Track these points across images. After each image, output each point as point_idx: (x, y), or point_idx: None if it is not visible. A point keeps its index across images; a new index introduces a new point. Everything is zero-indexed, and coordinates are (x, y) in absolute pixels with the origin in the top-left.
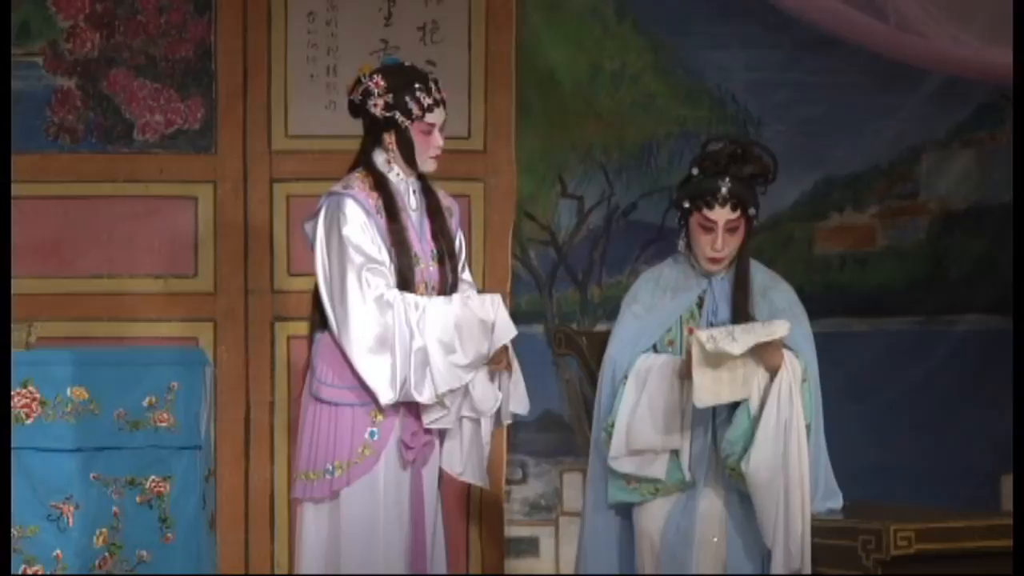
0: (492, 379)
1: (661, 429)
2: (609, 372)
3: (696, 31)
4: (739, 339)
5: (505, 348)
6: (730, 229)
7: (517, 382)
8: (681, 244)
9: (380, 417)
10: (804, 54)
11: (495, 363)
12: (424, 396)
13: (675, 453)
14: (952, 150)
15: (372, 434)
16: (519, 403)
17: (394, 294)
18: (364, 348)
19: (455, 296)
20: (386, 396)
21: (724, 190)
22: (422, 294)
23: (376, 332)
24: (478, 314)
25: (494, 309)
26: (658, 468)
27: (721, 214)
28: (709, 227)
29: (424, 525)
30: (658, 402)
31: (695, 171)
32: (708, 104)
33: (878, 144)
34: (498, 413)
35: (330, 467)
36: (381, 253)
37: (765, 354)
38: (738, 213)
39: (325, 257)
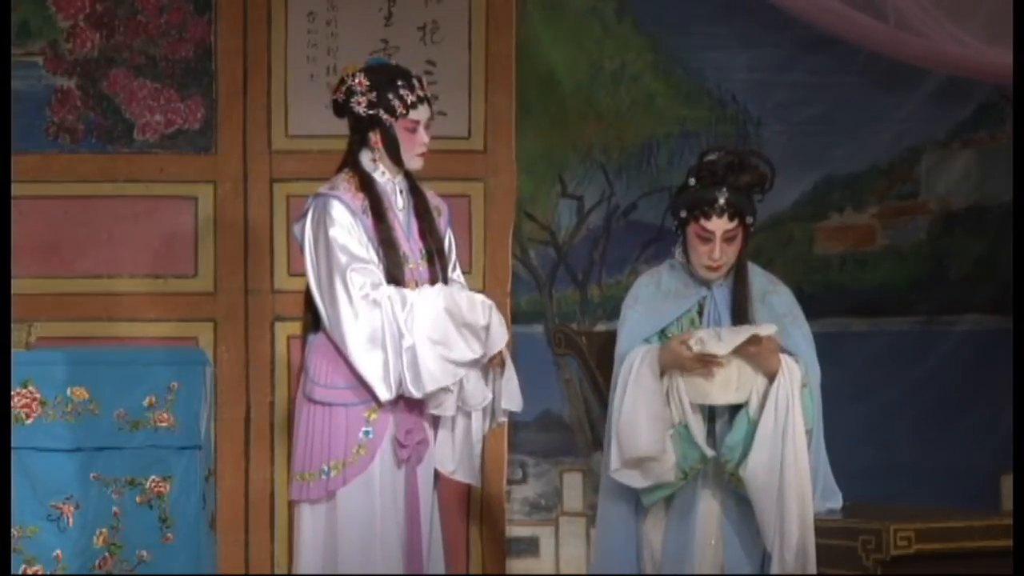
0: (484, 376)
1: (645, 433)
2: (618, 372)
3: (696, 31)
4: (725, 339)
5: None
6: (728, 238)
7: (510, 379)
8: (677, 252)
9: (374, 416)
10: (804, 54)
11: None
12: (419, 393)
13: (685, 429)
14: (952, 150)
15: (367, 433)
16: (512, 400)
17: (381, 293)
18: (358, 347)
19: (442, 288)
20: (384, 394)
21: (722, 200)
22: None
23: (367, 331)
24: (464, 310)
25: (485, 313)
26: (661, 471)
27: (719, 224)
28: (707, 237)
29: (420, 524)
30: (640, 405)
31: (692, 181)
32: (708, 104)
33: (878, 144)
34: (492, 411)
35: (325, 468)
36: (368, 253)
37: (761, 359)
38: (736, 223)
39: (313, 259)
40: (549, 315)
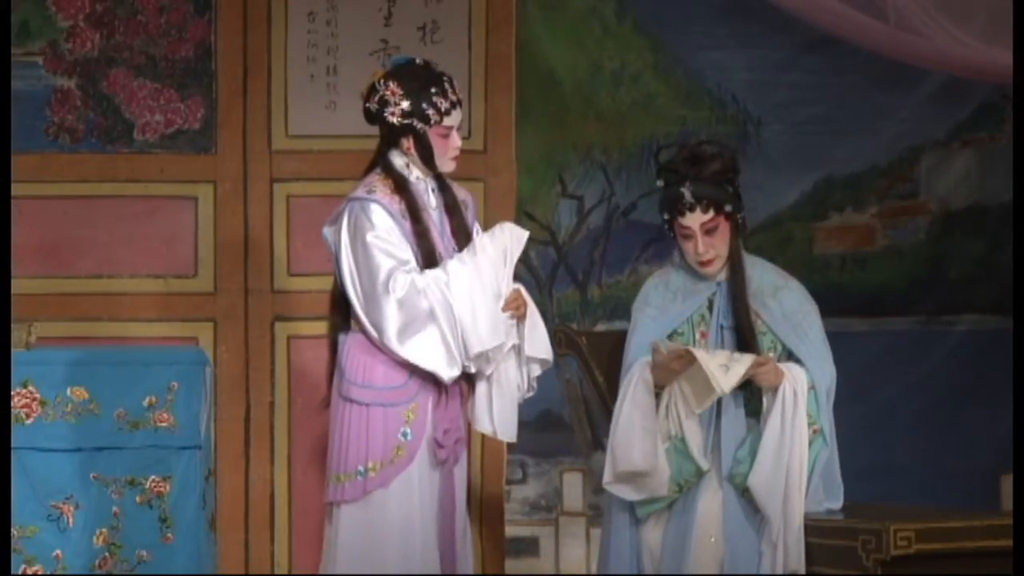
0: (516, 357)
1: (639, 447)
2: (623, 381)
3: (696, 31)
4: (732, 369)
5: (519, 291)
6: (708, 230)
7: (534, 326)
8: (676, 255)
9: (412, 417)
10: (804, 54)
11: (511, 307)
12: (472, 359)
13: (682, 442)
14: (952, 150)
15: (405, 434)
16: (536, 347)
17: (421, 280)
18: (411, 341)
19: (462, 261)
20: (448, 373)
21: (688, 195)
22: None
23: (418, 322)
24: (490, 258)
25: (497, 239)
26: (655, 486)
27: (694, 218)
28: (687, 234)
29: (455, 524)
30: (637, 420)
31: (659, 183)
32: (708, 104)
33: (878, 144)
34: (526, 368)
35: (362, 468)
36: (407, 254)
37: (762, 378)
38: (711, 213)
39: (352, 264)
40: (549, 315)
